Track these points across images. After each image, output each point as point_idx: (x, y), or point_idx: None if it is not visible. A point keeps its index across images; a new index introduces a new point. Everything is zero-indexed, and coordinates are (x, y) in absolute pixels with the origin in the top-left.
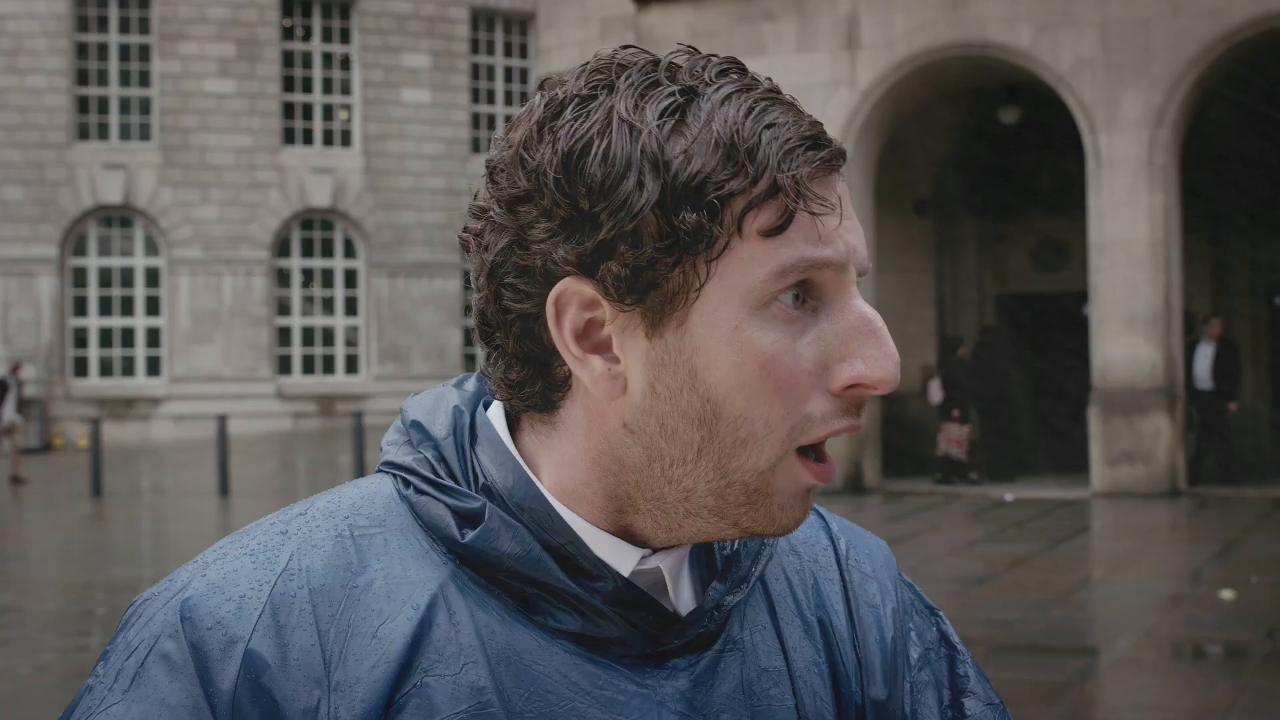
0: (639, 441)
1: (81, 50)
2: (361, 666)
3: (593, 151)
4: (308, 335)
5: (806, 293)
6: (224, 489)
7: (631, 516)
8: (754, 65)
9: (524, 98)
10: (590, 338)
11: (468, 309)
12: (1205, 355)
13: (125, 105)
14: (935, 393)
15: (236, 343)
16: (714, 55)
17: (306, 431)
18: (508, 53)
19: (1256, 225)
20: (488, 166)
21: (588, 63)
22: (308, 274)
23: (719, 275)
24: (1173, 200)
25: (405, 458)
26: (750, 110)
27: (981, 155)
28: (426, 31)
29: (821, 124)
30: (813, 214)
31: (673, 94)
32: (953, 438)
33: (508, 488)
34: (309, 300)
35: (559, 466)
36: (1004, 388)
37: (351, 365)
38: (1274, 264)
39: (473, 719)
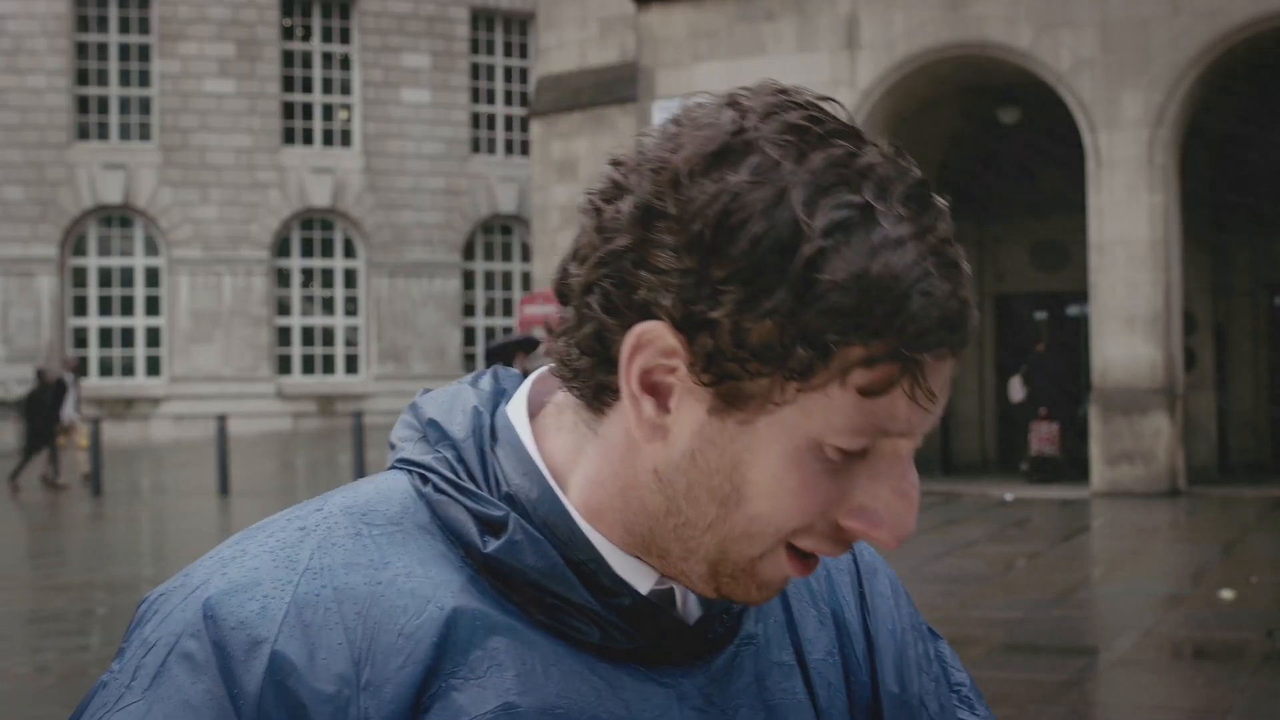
0: (663, 492)
1: (81, 50)
2: (390, 665)
3: (748, 229)
4: (307, 335)
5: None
6: (224, 489)
7: (640, 551)
8: (753, 65)
9: (524, 97)
10: (653, 378)
11: (467, 309)
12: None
13: (125, 105)
14: (1016, 390)
15: (236, 342)
16: (915, 176)
17: (306, 431)
18: (507, 52)
19: (1256, 225)
20: (646, 137)
21: (792, 100)
22: (307, 274)
23: (801, 404)
24: (1172, 200)
25: (423, 456)
26: (914, 266)
27: (981, 155)
28: (426, 31)
29: (970, 298)
30: (916, 403)
31: (851, 207)
32: (1044, 435)
33: (531, 500)
34: (309, 300)
35: (591, 483)
36: (1078, 385)
37: (351, 365)
38: (1274, 264)
39: (503, 717)
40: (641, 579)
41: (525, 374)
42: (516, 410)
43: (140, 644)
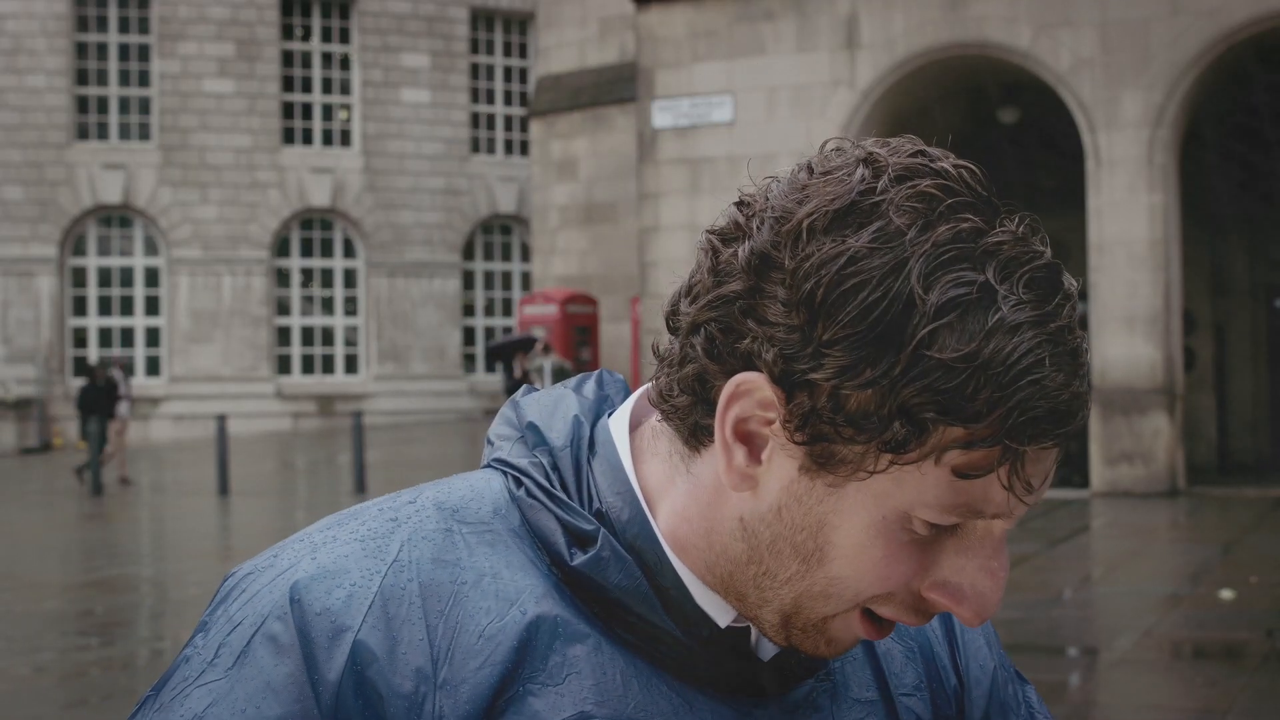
0: (747, 540)
1: (81, 50)
2: (468, 666)
3: (861, 296)
4: (307, 335)
5: None
6: (223, 488)
7: (719, 590)
8: (753, 65)
9: (524, 98)
10: (748, 428)
11: (467, 309)
12: None
13: (125, 105)
14: None
15: (236, 342)
16: (1043, 259)
17: (306, 431)
18: (507, 52)
19: (1256, 225)
20: (776, 182)
21: (928, 165)
22: (307, 274)
23: (893, 476)
24: (1172, 200)
25: (520, 459)
26: (1029, 353)
27: (981, 155)
28: (426, 31)
29: (1085, 390)
30: (1012, 492)
31: (970, 285)
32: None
33: (622, 520)
34: (308, 300)
35: (677, 515)
36: None
37: (351, 365)
38: (1274, 264)
39: None
40: (721, 613)
41: (525, 373)
42: (619, 425)
43: (226, 621)
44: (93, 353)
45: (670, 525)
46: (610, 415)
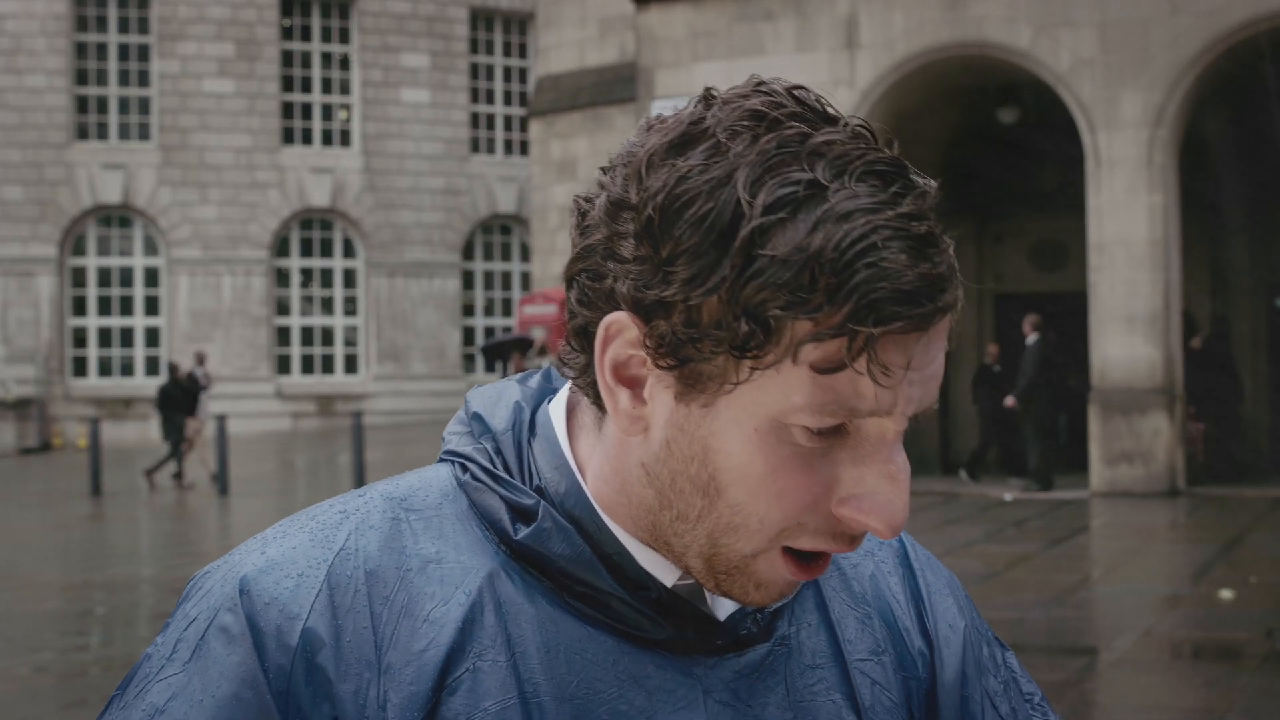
0: (653, 485)
1: (81, 50)
2: (412, 649)
3: (693, 210)
4: (307, 335)
5: (847, 423)
6: (223, 488)
7: (654, 545)
8: (753, 65)
9: (523, 97)
10: (629, 371)
11: (467, 308)
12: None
13: (124, 105)
14: None
15: (235, 342)
16: (878, 153)
17: (305, 431)
18: (507, 52)
19: (1256, 225)
20: (633, 144)
21: (760, 88)
22: (307, 274)
23: (757, 383)
24: (1172, 200)
25: (465, 447)
26: (863, 238)
27: (981, 155)
28: (425, 31)
29: (947, 269)
30: (872, 379)
31: (798, 184)
32: (1188, 436)
33: (560, 493)
34: (308, 300)
35: (599, 478)
36: (1238, 382)
37: (350, 365)
38: (1274, 264)
39: (521, 705)
40: (666, 573)
41: (524, 373)
42: (557, 407)
43: (182, 618)
44: (92, 352)
45: (595, 489)
46: (551, 400)
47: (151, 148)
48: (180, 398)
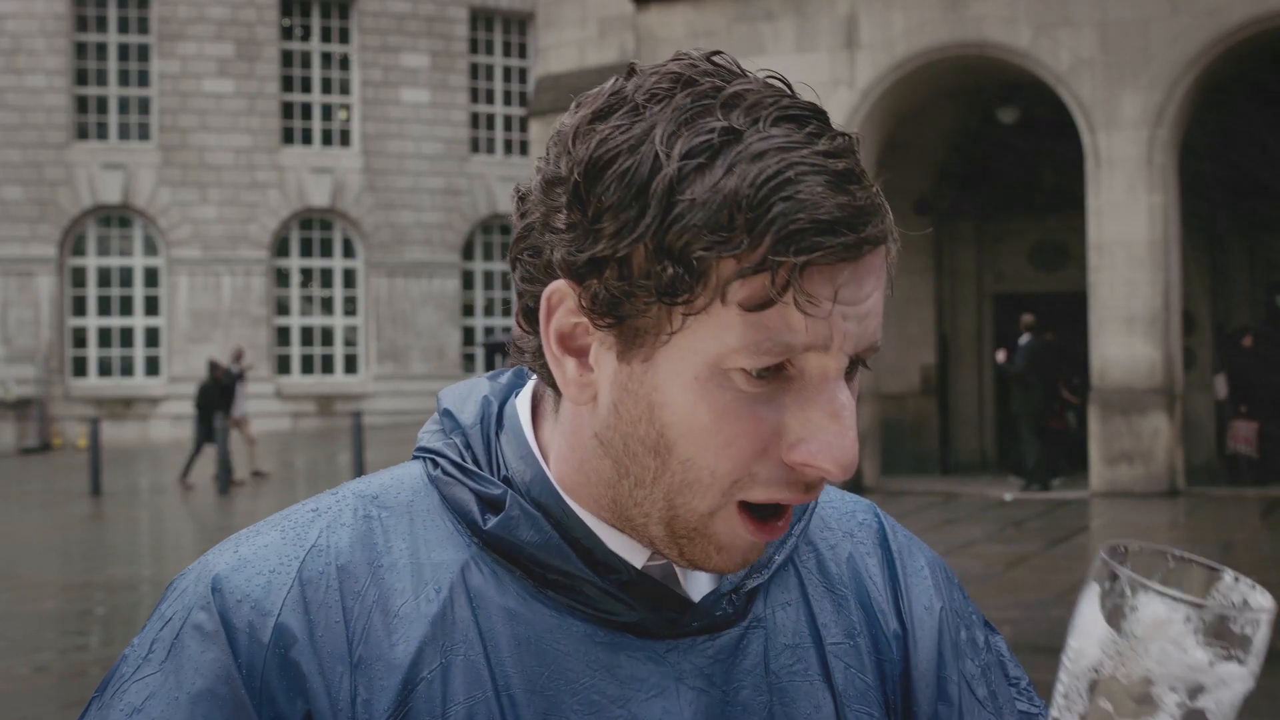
0: (609, 455)
1: (80, 50)
2: (384, 644)
3: (615, 168)
4: (306, 335)
5: (788, 364)
6: (223, 488)
7: (619, 525)
8: (753, 65)
9: (523, 97)
10: (574, 341)
11: (467, 308)
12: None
13: (124, 105)
14: (1221, 387)
15: (235, 342)
16: (793, 99)
17: (305, 431)
18: (507, 52)
19: (1256, 225)
20: (563, 123)
21: (679, 57)
22: (306, 274)
23: (693, 329)
24: (1172, 200)
25: (436, 443)
26: (778, 174)
27: (981, 155)
28: (425, 31)
29: (869, 203)
30: (797, 308)
31: (713, 131)
32: (1240, 434)
33: (526, 481)
34: (308, 300)
35: (559, 459)
36: None
37: (350, 365)
38: (1273, 264)
39: (493, 698)
40: (635, 554)
41: (495, 371)
42: (523, 399)
43: (158, 619)
44: (92, 352)
45: (558, 472)
46: (519, 394)
47: (151, 148)
48: (219, 397)
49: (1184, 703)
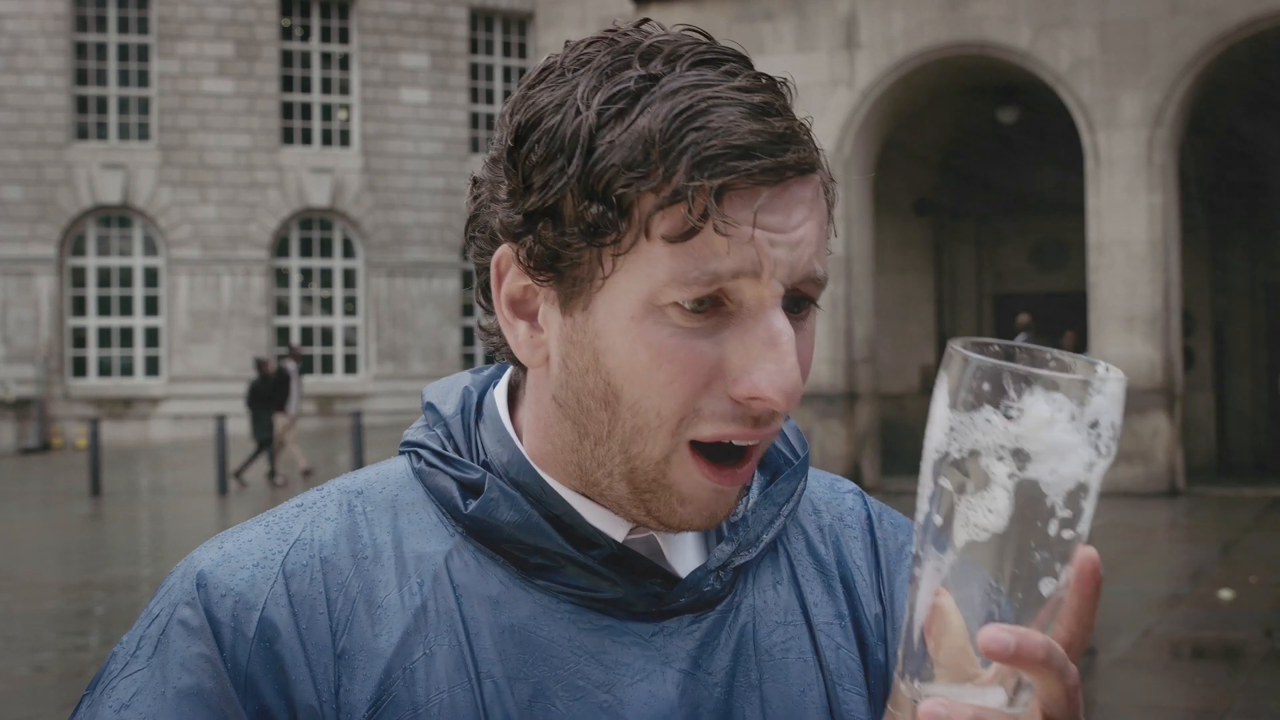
0: (567, 416)
1: (80, 50)
2: (367, 636)
3: (541, 127)
4: (306, 335)
5: (725, 297)
6: (223, 488)
7: (591, 495)
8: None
9: None
10: (525, 305)
11: (467, 308)
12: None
13: (124, 105)
14: None
15: (235, 342)
16: (710, 44)
17: (305, 431)
18: (506, 52)
19: (1256, 224)
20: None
21: (608, 29)
22: (306, 274)
23: (625, 270)
24: (1171, 199)
25: (419, 435)
26: (689, 108)
27: (980, 155)
28: (425, 31)
29: (788, 131)
30: (717, 232)
31: (630, 80)
32: None
33: (503, 462)
34: (308, 300)
35: (529, 432)
36: None
37: (350, 365)
38: (1273, 264)
39: (476, 687)
40: (615, 528)
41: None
42: (501, 386)
43: (145, 616)
44: (92, 353)
45: (529, 446)
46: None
47: (151, 148)
48: (270, 394)
49: (1014, 473)
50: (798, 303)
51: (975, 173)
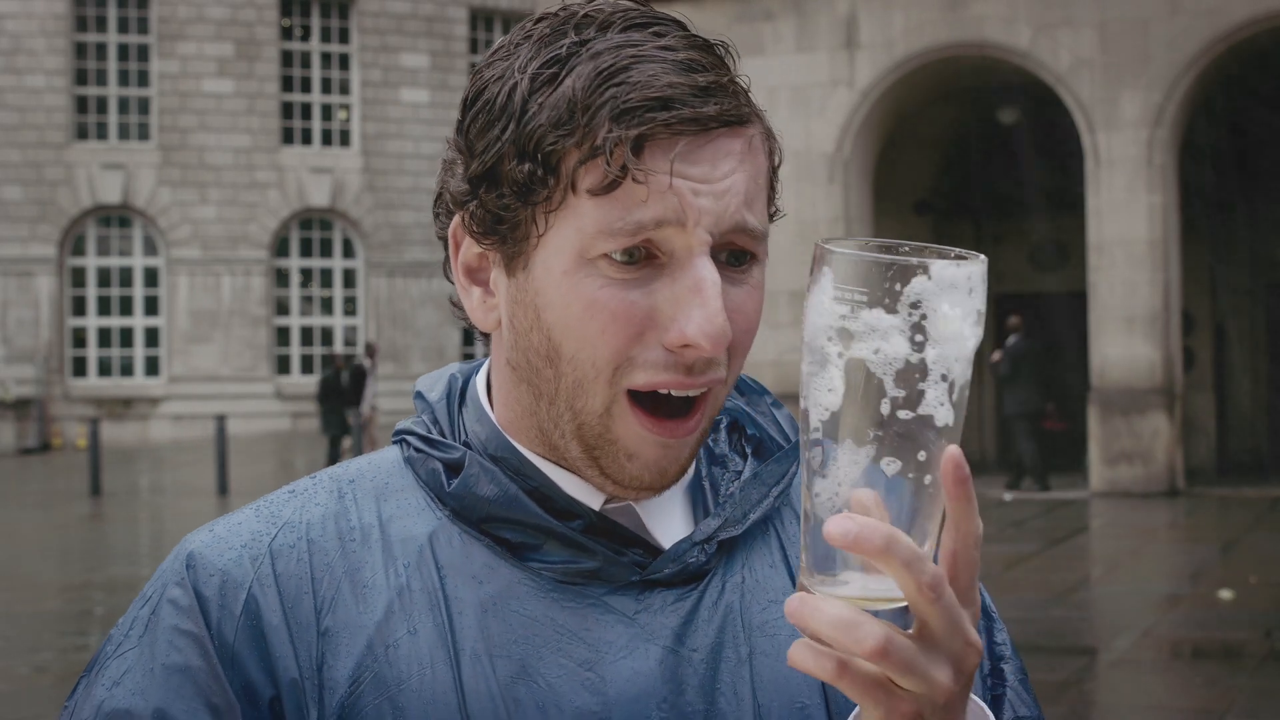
0: (522, 378)
1: (80, 50)
2: (351, 613)
3: (483, 97)
4: (306, 335)
5: (654, 248)
6: (223, 488)
7: (549, 455)
8: (753, 65)
9: None
10: (480, 272)
11: None
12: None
13: (124, 105)
14: None
15: (235, 342)
16: (643, 10)
17: (305, 431)
18: None
19: (1256, 225)
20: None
21: (555, 9)
22: (306, 274)
23: (556, 226)
24: (1171, 200)
25: (408, 423)
26: (610, 67)
27: (980, 155)
28: (425, 31)
29: (713, 84)
30: (635, 181)
31: (562, 47)
32: None
33: (482, 440)
34: (308, 300)
35: (498, 404)
36: None
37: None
38: (1274, 264)
39: (458, 665)
40: (592, 498)
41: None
42: (482, 371)
43: (140, 599)
44: (92, 353)
45: (499, 417)
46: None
47: (151, 148)
48: (343, 389)
49: (842, 352)
50: (738, 256)
51: (975, 172)
